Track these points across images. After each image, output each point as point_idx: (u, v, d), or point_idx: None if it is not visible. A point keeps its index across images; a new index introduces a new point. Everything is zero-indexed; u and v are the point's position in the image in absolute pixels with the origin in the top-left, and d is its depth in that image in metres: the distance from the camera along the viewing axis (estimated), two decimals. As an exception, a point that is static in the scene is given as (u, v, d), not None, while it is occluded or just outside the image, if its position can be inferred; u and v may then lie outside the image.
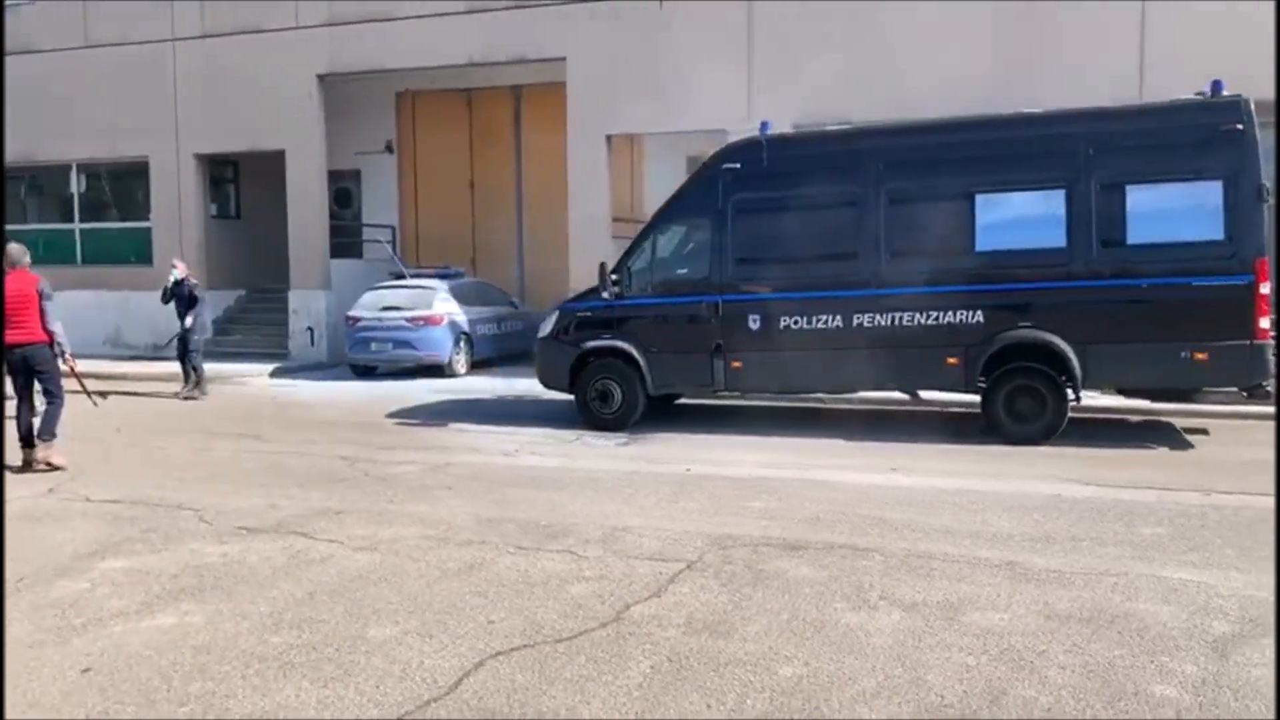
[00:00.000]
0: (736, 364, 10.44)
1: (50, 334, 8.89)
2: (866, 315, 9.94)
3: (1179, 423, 10.74)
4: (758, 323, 10.30)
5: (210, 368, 15.47)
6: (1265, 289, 8.96)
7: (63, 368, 9.12)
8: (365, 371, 16.37)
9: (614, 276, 10.86)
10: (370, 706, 3.97)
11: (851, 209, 10.13)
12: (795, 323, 10.19)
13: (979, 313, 9.65)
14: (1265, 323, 9.00)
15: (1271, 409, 10.15)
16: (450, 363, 15.92)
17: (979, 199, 9.71)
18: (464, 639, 4.66)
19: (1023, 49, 13.70)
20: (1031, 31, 13.73)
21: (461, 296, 16.53)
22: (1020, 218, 9.62)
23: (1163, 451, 9.40)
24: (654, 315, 10.91)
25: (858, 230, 10.09)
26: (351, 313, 16.10)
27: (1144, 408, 11.13)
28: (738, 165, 10.46)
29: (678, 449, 9.76)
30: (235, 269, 19.38)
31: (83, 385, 9.74)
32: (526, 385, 14.89)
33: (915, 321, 9.80)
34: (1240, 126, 8.99)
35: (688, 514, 7.05)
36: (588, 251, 16.38)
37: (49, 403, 9.03)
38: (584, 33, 15.93)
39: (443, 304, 16.02)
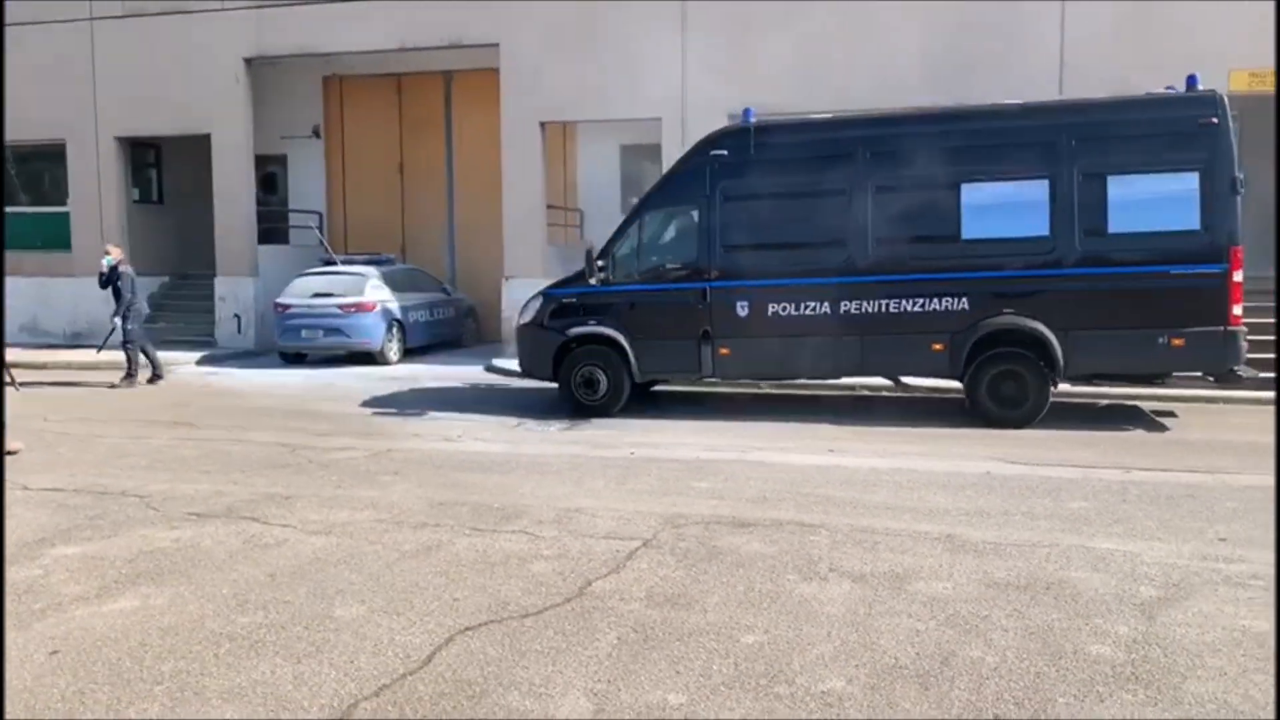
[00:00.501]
0: (724, 350, 10.54)
1: None
2: (853, 302, 10.12)
3: (1146, 406, 11.13)
4: (746, 309, 10.42)
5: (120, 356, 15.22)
6: (1239, 277, 9.38)
7: None
8: (295, 359, 16.18)
9: (600, 262, 10.86)
10: (347, 681, 4.05)
11: (839, 196, 10.29)
12: (783, 309, 10.31)
13: (964, 299, 9.91)
14: (1238, 310, 9.43)
15: (1236, 392, 10.69)
16: (382, 350, 15.84)
17: (965, 188, 9.94)
18: (431, 616, 4.76)
19: (954, 43, 14.11)
20: (962, 26, 14.12)
21: (393, 283, 16.44)
22: (1005, 206, 9.88)
23: (1099, 434, 9.68)
24: (640, 301, 10.91)
25: (845, 217, 10.26)
26: (281, 300, 15.89)
27: (1109, 392, 11.48)
28: (725, 152, 10.54)
29: (619, 434, 9.90)
30: (159, 255, 18.93)
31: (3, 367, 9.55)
32: (461, 372, 14.97)
33: (901, 308, 10.02)
34: (1215, 120, 9.39)
35: (637, 495, 7.21)
36: (522, 238, 16.49)
37: None
38: (518, 18, 15.92)
39: (374, 291, 15.91)
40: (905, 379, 11.37)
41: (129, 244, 17.93)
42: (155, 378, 13.88)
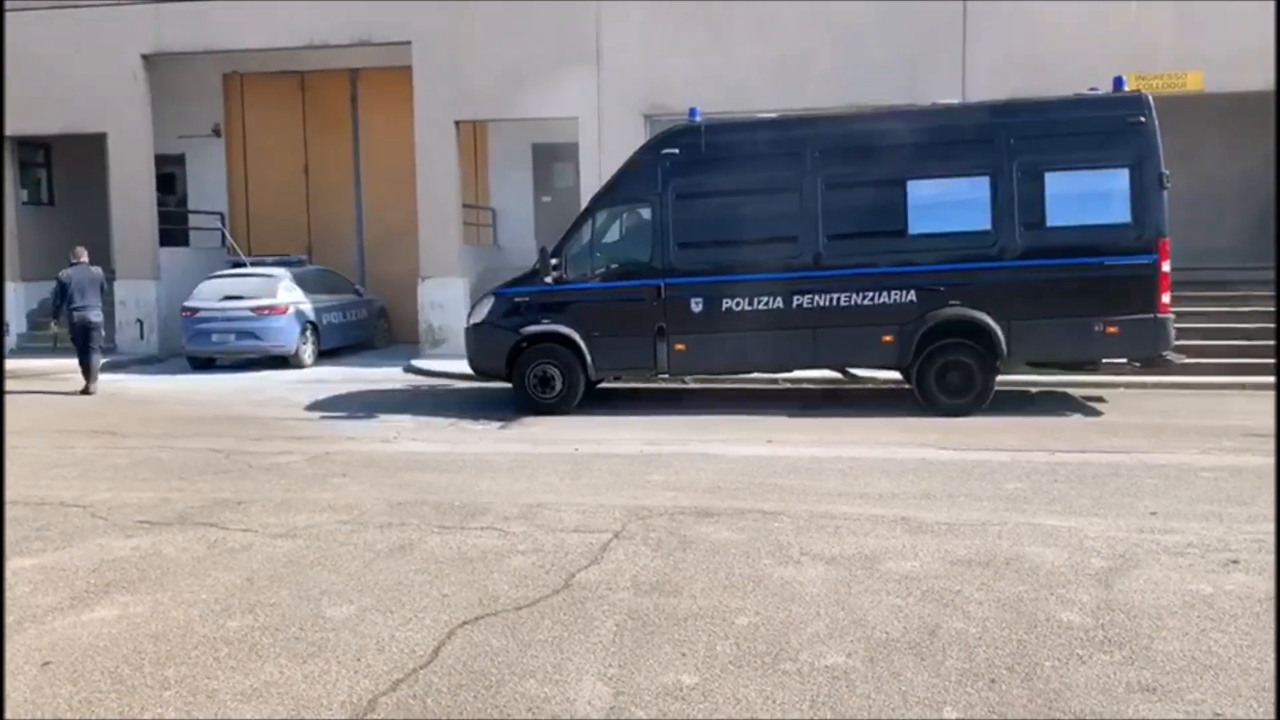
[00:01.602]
0: (680, 346, 10.66)
1: None
2: (805, 296, 10.37)
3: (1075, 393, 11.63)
4: (700, 305, 10.56)
5: (29, 365, 14.57)
6: (1166, 267, 9.94)
7: None
8: (204, 364, 15.74)
9: (554, 260, 10.85)
10: (360, 678, 4.07)
11: (789, 194, 10.53)
12: (737, 304, 10.50)
13: (911, 292, 10.25)
14: (1166, 298, 10.00)
15: (1162, 377, 11.29)
16: (297, 353, 15.55)
17: (910, 184, 10.30)
18: (426, 612, 4.79)
19: (857, 46, 14.59)
20: (865, 29, 14.62)
21: (305, 285, 16.14)
22: (949, 202, 10.30)
23: (1026, 419, 10.15)
24: (595, 299, 10.96)
25: (796, 214, 10.50)
26: (189, 303, 15.44)
27: (1040, 380, 11.96)
28: (676, 151, 10.66)
29: (557, 430, 9.98)
30: (50, 259, 17.94)
31: None
32: (379, 373, 14.83)
33: (852, 301, 10.31)
34: (1143, 119, 9.97)
35: (594, 489, 7.32)
36: (437, 238, 16.39)
37: None
38: (431, 17, 15.81)
39: (287, 293, 15.61)
40: (855, 370, 11.74)
41: (19, 248, 17.21)
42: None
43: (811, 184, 10.54)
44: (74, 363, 13.35)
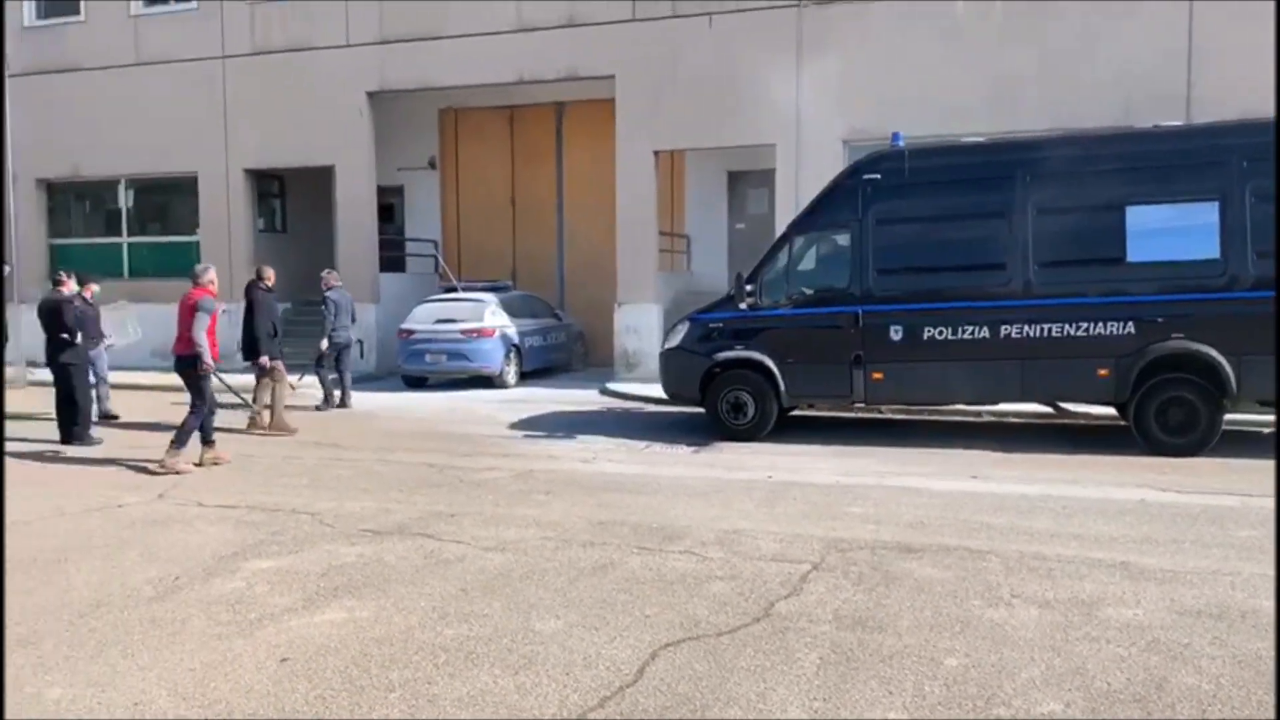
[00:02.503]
0: (877, 375, 10.48)
1: (194, 344, 9.43)
2: (1014, 326, 10.00)
3: None
4: (900, 333, 10.35)
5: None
6: None
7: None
8: (417, 383, 16.62)
9: (749, 287, 10.91)
10: (569, 692, 4.20)
11: (997, 220, 10.23)
12: (940, 333, 10.22)
13: (1130, 324, 9.72)
14: None
15: None
16: (501, 374, 16.18)
17: (1130, 210, 9.80)
18: (629, 631, 4.90)
19: (1069, 69, 14.00)
20: (1078, 51, 14.01)
21: (510, 309, 16.80)
22: (1172, 229, 9.73)
23: (1251, 462, 9.32)
24: (790, 326, 10.91)
25: (1004, 241, 10.18)
26: (405, 325, 16.35)
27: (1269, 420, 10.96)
28: (878, 175, 10.55)
29: (751, 457, 9.98)
30: (282, 282, 19.48)
31: (229, 389, 10.63)
32: (577, 395, 15.23)
33: (1064, 332, 9.87)
34: None
35: (790, 518, 7.28)
36: (634, 265, 16.75)
37: (189, 411, 9.59)
38: (633, 50, 16.23)
39: (494, 316, 16.28)
40: (1065, 405, 11.22)
41: (253, 271, 18.66)
42: (326, 404, 14.04)
43: (1021, 210, 10.15)
44: (309, 379, 14.31)
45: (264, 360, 11.92)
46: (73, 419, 11.12)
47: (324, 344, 13.99)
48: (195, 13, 19.01)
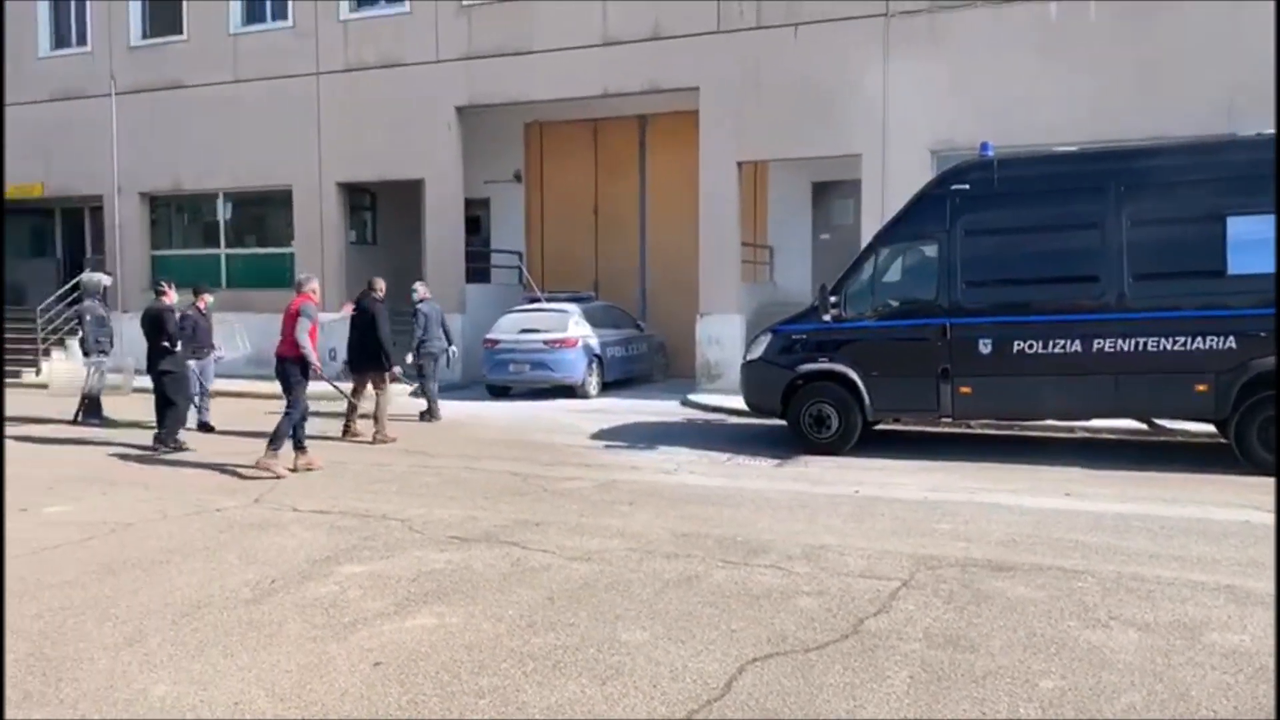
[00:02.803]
0: (965, 389, 10.29)
1: (298, 349, 9.90)
2: (1108, 340, 9.74)
3: None
4: (988, 347, 10.15)
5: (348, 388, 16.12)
6: None
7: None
8: (501, 392, 16.83)
9: (833, 298, 10.83)
10: (656, 704, 4.20)
11: (1091, 231, 9.98)
12: (1029, 347, 10.00)
13: (1230, 338, 9.39)
14: None
15: None
16: (583, 384, 16.29)
17: (1230, 221, 9.49)
18: (715, 644, 4.88)
19: (1167, 77, 13.61)
20: (1177, 59, 13.61)
21: (593, 320, 16.91)
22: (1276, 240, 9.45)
23: None
24: (875, 338, 10.79)
25: (1097, 252, 9.93)
26: (490, 335, 16.58)
27: None
28: (967, 186, 10.39)
29: (835, 471, 9.87)
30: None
31: (341, 391, 11.31)
32: (658, 406, 15.25)
33: (1160, 346, 9.58)
34: None
35: (879, 534, 7.18)
36: (717, 276, 16.74)
37: (283, 414, 9.93)
38: (717, 61, 16.25)
39: (576, 327, 16.41)
40: (1161, 421, 10.89)
41: (346, 283, 19.14)
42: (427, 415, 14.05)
43: (1116, 220, 9.87)
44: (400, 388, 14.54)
45: (396, 369, 12.30)
46: (167, 424, 11.47)
47: (409, 357, 14.15)
48: (291, 31, 19.60)
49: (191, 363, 12.42)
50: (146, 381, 12.10)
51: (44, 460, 10.84)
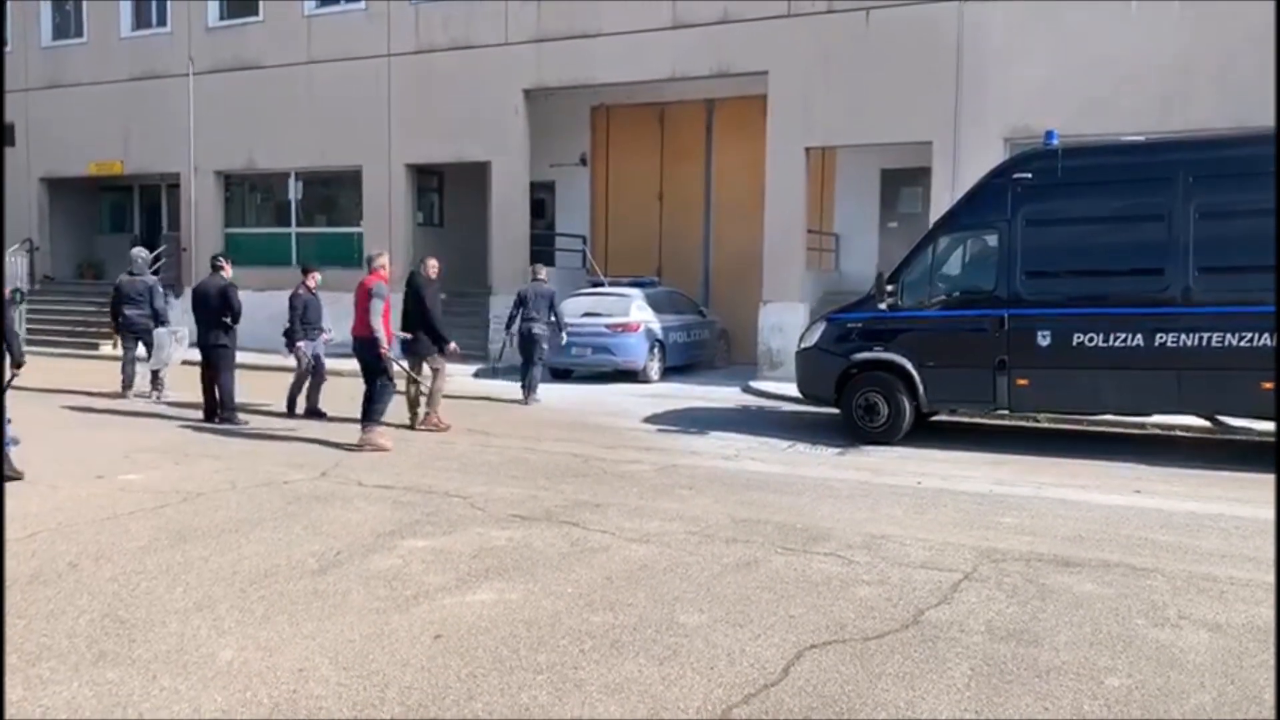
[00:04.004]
0: (1022, 381, 10.14)
1: (372, 330, 9.99)
2: (1171, 334, 9.53)
3: None
4: (1047, 338, 9.97)
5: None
6: None
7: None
8: (562, 374, 16.89)
9: (889, 287, 10.72)
10: (714, 686, 4.21)
11: (1156, 223, 9.75)
12: (1090, 340, 9.81)
13: None
14: None
15: None
16: (645, 368, 16.30)
17: None
18: (773, 630, 4.87)
19: (1248, 66, 13.16)
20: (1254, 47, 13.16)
21: (655, 305, 16.88)
22: None
23: None
24: (931, 328, 10.67)
25: (1163, 245, 9.69)
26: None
27: None
28: (1029, 175, 10.20)
29: (898, 462, 9.76)
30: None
31: (406, 371, 11.19)
32: (719, 392, 15.21)
33: (1225, 342, 9.34)
34: None
35: (941, 526, 7.09)
36: (781, 263, 16.62)
37: (379, 389, 10.17)
38: (787, 46, 16.09)
39: (639, 312, 16.41)
40: (1225, 419, 10.60)
41: (412, 263, 19.34)
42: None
43: (1183, 212, 9.59)
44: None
45: (453, 346, 11.75)
46: (226, 399, 11.64)
47: (509, 338, 14.30)
48: (364, 13, 19.82)
49: (303, 344, 12.28)
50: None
51: (120, 430, 11.15)
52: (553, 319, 14.38)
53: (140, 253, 14.99)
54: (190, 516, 7.08)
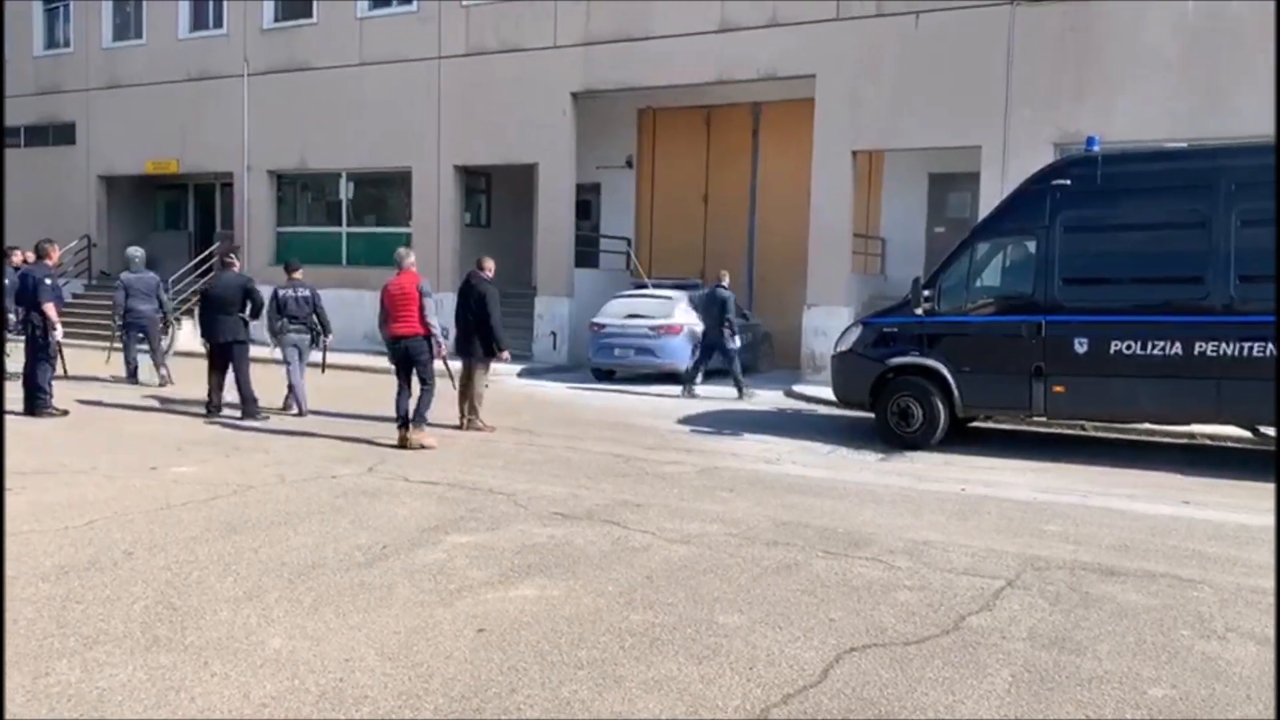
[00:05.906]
0: (1058, 388, 10.04)
1: (428, 328, 9.93)
2: (1211, 343, 9.38)
3: None
4: (1085, 346, 9.87)
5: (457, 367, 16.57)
6: None
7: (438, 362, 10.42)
8: (605, 375, 16.98)
9: (926, 292, 10.69)
10: (752, 686, 4.23)
11: (1197, 230, 9.63)
12: (1127, 347, 9.69)
13: None
14: None
15: None
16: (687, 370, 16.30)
17: None
18: (813, 633, 4.88)
19: None
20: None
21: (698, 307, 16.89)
22: None
23: None
24: (968, 333, 10.64)
25: (1203, 253, 9.57)
26: (596, 319, 16.74)
27: None
28: (1068, 181, 10.12)
29: (942, 468, 9.70)
30: (482, 273, 20.47)
31: (448, 371, 11.06)
32: (761, 395, 15.19)
33: (1267, 352, 9.18)
34: None
35: (984, 533, 7.05)
36: (826, 267, 16.57)
37: (423, 391, 10.17)
38: (835, 49, 16.05)
39: (682, 314, 16.44)
40: (1266, 430, 10.42)
41: (459, 264, 19.55)
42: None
43: (1224, 220, 9.43)
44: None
45: (506, 355, 11.68)
46: (246, 394, 11.67)
47: (727, 334, 14.91)
48: (415, 15, 20.06)
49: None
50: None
51: (173, 424, 11.39)
52: (725, 322, 14.93)
53: (136, 251, 15.76)
54: (240, 508, 7.24)
